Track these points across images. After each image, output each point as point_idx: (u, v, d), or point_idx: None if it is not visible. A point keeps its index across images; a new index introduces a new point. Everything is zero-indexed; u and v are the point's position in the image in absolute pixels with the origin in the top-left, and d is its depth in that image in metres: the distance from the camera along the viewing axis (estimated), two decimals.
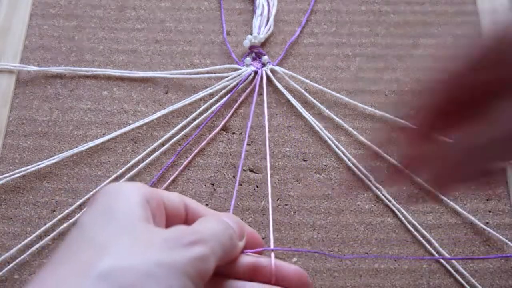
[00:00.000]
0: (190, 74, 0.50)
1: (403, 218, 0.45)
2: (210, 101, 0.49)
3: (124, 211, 0.25)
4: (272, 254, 0.31)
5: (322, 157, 0.47)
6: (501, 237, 0.44)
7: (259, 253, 0.31)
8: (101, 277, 0.22)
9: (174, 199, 0.28)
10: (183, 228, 0.26)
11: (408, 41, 0.52)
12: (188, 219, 0.29)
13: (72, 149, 0.46)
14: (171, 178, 0.46)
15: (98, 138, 0.47)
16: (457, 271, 0.43)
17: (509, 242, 0.44)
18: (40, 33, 0.52)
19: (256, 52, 0.51)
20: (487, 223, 0.45)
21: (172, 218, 0.28)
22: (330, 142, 0.47)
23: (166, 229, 0.26)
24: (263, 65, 0.50)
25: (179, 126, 0.48)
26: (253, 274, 0.29)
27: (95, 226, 0.24)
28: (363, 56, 0.51)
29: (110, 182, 0.45)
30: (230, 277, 0.28)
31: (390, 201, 0.45)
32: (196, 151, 0.47)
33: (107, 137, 0.47)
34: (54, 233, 0.44)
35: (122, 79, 0.50)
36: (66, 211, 0.44)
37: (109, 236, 0.23)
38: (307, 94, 0.49)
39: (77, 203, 0.44)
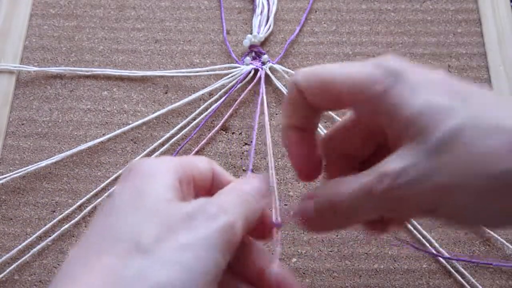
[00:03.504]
0: (190, 72, 0.50)
1: None
2: (210, 101, 0.49)
3: (154, 196, 0.26)
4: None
5: (322, 157, 0.47)
6: (500, 238, 0.44)
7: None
8: (133, 278, 0.23)
9: (204, 170, 0.29)
10: (205, 201, 0.26)
11: (409, 39, 0.52)
12: (214, 185, 0.30)
13: (72, 149, 0.46)
14: None
15: (98, 138, 0.47)
16: (457, 271, 0.43)
17: (509, 245, 0.44)
18: (40, 33, 0.52)
19: (256, 51, 0.50)
20: None
21: (199, 187, 0.30)
22: None
23: (190, 202, 0.26)
24: (263, 64, 0.50)
25: (179, 126, 0.48)
26: None
27: (125, 212, 0.25)
28: (364, 55, 0.51)
29: (109, 182, 0.46)
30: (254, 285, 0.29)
31: None
32: (195, 150, 0.47)
33: (107, 137, 0.47)
34: (55, 234, 0.44)
35: (121, 79, 0.50)
36: (66, 212, 0.44)
37: (137, 225, 0.24)
38: None
39: (77, 204, 0.45)
